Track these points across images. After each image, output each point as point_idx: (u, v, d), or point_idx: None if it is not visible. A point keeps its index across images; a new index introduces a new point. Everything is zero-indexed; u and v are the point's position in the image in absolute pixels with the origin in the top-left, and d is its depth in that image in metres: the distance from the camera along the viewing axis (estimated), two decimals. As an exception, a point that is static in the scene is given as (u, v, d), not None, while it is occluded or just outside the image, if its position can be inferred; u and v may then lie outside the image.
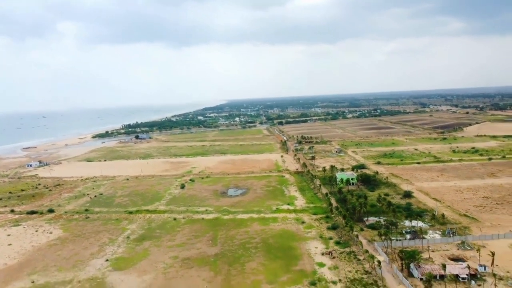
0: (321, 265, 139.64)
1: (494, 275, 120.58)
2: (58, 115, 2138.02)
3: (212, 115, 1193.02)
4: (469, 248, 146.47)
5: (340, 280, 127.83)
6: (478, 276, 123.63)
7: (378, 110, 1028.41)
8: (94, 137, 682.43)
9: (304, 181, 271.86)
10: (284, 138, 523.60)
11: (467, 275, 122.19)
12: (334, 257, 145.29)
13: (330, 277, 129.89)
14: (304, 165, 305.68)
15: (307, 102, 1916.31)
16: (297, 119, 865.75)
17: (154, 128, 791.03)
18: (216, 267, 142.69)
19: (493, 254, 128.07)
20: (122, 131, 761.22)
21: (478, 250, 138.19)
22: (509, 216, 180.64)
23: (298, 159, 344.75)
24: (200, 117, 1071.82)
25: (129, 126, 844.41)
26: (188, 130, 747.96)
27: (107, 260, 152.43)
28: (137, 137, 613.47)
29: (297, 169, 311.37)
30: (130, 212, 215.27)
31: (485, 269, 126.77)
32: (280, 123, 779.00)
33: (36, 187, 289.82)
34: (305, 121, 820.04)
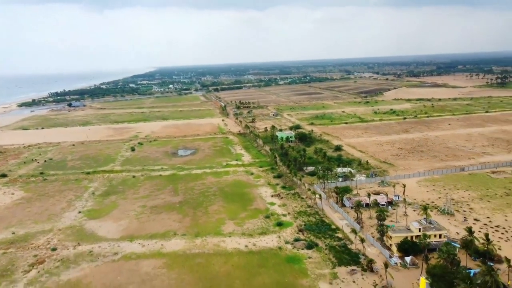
0: (272, 204, 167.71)
1: (405, 200, 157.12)
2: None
3: (144, 82, 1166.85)
4: (387, 185, 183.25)
5: (288, 213, 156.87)
6: (393, 203, 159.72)
7: (308, 77, 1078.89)
8: (20, 105, 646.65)
9: (247, 141, 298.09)
10: (222, 104, 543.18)
11: (385, 202, 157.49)
12: (282, 198, 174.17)
13: (280, 212, 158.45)
14: (246, 127, 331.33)
15: (238, 69, 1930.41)
16: (231, 86, 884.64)
17: (85, 96, 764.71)
18: (182, 211, 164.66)
19: (404, 186, 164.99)
20: (51, 99, 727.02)
21: (393, 186, 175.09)
22: (417, 162, 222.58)
23: (240, 122, 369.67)
24: (132, 85, 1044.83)
25: (57, 94, 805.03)
26: (122, 97, 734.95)
27: (79, 212, 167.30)
28: (70, 105, 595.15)
29: (239, 131, 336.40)
30: (88, 173, 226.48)
31: (398, 198, 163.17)
32: (216, 90, 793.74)
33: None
34: (240, 87, 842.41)
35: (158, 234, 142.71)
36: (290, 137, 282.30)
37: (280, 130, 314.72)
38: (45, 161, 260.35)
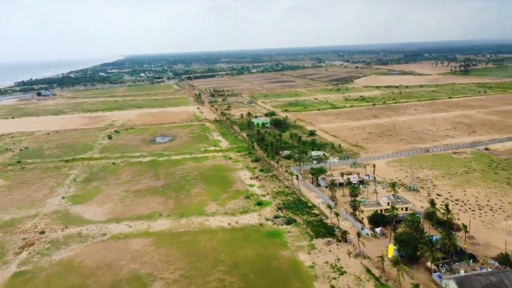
0: (251, 185, 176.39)
1: (375, 179, 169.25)
2: None
3: (114, 71, 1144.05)
4: (358, 166, 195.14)
5: (267, 193, 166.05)
6: (365, 182, 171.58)
7: (280, 65, 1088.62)
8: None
9: (224, 128, 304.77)
10: (196, 92, 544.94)
11: (357, 181, 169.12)
12: (260, 180, 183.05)
13: (260, 192, 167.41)
14: (222, 114, 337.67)
15: (210, 57, 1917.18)
16: (204, 74, 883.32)
17: (54, 85, 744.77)
18: (165, 194, 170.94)
19: (374, 166, 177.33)
20: (17, 88, 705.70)
21: (364, 167, 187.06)
22: (386, 144, 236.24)
23: (216, 109, 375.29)
24: (102, 74, 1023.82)
25: (24, 83, 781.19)
26: (92, 86, 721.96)
27: (63, 198, 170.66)
28: (39, 94, 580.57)
29: (215, 118, 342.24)
30: (67, 161, 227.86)
31: (369, 178, 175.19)
32: (189, 78, 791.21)
33: None
34: (213, 76, 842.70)
35: (143, 216, 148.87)
36: (266, 123, 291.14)
37: (256, 117, 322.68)
38: (21, 150, 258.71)
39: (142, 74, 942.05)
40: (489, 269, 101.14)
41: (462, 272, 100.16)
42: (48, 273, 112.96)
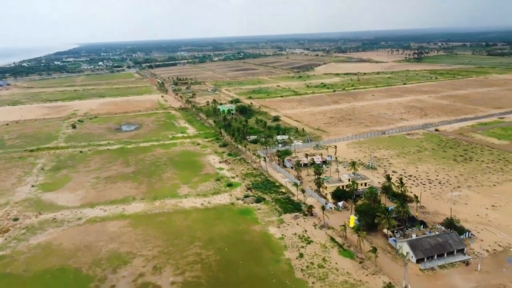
0: (221, 169, 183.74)
1: (336, 159, 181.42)
2: None
3: (70, 60, 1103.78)
4: (321, 148, 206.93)
5: (237, 175, 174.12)
6: (327, 162, 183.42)
7: (242, 53, 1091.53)
8: None
9: (190, 115, 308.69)
10: (159, 80, 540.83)
11: (320, 161, 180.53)
12: (229, 163, 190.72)
13: (229, 175, 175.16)
14: (188, 101, 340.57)
15: (170, 46, 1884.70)
16: (166, 62, 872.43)
17: (6, 74, 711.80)
18: (137, 179, 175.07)
19: (335, 147, 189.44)
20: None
21: (326, 149, 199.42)
22: (346, 128, 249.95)
23: (181, 97, 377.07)
24: (57, 62, 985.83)
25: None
26: (49, 75, 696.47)
27: (33, 186, 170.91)
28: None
29: (180, 106, 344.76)
30: (31, 150, 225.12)
31: (331, 158, 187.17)
32: (150, 67, 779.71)
33: None
34: (175, 64, 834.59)
35: (117, 200, 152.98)
36: (231, 110, 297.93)
37: (221, 104, 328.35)
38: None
39: (100, 63, 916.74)
40: (437, 233, 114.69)
41: (414, 236, 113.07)
42: (27, 257, 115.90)
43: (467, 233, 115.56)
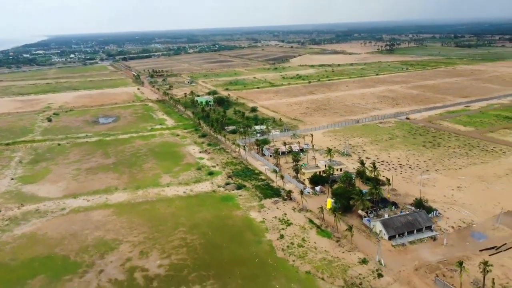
0: (201, 158, 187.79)
1: (313, 147, 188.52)
2: None
3: (40, 52, 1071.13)
4: (298, 137, 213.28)
5: (217, 164, 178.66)
6: (304, 150, 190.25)
7: (217, 46, 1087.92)
8: None
9: (168, 107, 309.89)
10: (134, 73, 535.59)
11: (298, 149, 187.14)
12: (209, 153, 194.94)
13: (209, 164, 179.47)
14: (165, 93, 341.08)
15: (144, 38, 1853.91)
16: (140, 55, 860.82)
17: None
18: (118, 170, 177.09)
19: (312, 136, 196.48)
20: None
21: (303, 137, 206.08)
22: (322, 117, 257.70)
23: (158, 89, 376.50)
24: (26, 55, 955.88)
25: None
26: (18, 69, 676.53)
27: (12, 179, 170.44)
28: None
29: (158, 98, 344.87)
30: (7, 144, 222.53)
31: (308, 146, 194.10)
32: (124, 59, 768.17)
33: None
34: (149, 56, 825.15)
35: (100, 190, 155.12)
36: (209, 101, 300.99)
37: (198, 96, 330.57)
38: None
39: (72, 55, 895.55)
40: (407, 212, 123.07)
41: (386, 216, 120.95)
42: (13, 246, 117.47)
43: (435, 211, 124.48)
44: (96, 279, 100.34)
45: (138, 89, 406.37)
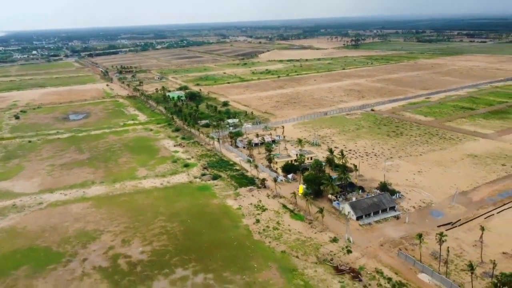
0: (176, 152, 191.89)
1: (284, 138, 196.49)
2: None
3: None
4: (269, 129, 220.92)
5: (192, 157, 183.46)
6: (276, 141, 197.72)
7: (185, 41, 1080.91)
8: None
9: (139, 103, 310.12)
10: (101, 69, 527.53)
11: (270, 141, 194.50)
12: (184, 146, 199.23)
13: (185, 157, 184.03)
14: (136, 89, 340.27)
15: (109, 33, 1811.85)
16: (106, 51, 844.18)
17: None
18: (93, 165, 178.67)
19: (283, 127, 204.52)
20: None
21: (274, 129, 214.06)
22: (292, 110, 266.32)
23: (128, 85, 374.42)
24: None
25: None
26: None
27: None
28: None
29: (128, 94, 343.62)
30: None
31: (279, 138, 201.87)
32: (90, 56, 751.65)
33: None
34: (116, 52, 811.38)
35: (76, 185, 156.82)
36: (181, 96, 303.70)
37: (169, 91, 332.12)
38: None
39: (34, 52, 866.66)
40: (373, 195, 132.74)
41: (354, 199, 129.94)
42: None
43: (398, 194, 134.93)
44: (81, 267, 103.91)
45: (107, 85, 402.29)
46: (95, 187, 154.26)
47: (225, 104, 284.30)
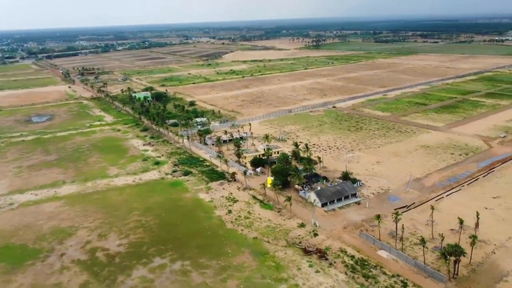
0: (146, 150, 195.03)
1: (252, 135, 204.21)
2: None
3: None
4: (237, 127, 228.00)
5: (162, 155, 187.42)
6: (243, 138, 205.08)
7: (147, 42, 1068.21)
8: None
9: (104, 104, 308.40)
10: (62, 71, 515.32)
11: (238, 137, 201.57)
12: (153, 145, 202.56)
13: (155, 155, 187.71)
14: (100, 91, 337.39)
15: (66, 35, 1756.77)
16: (65, 52, 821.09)
17: None
18: (62, 165, 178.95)
19: (250, 125, 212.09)
20: None
21: (241, 127, 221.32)
22: (257, 109, 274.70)
23: (91, 87, 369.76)
24: None
25: None
26: None
27: None
28: None
29: (92, 96, 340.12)
30: None
31: (247, 135, 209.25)
32: (49, 57, 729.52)
33: None
34: (76, 54, 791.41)
35: (47, 185, 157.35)
36: (147, 97, 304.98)
37: (135, 92, 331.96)
38: None
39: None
40: (336, 184, 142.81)
41: (318, 188, 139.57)
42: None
43: (358, 182, 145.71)
44: (59, 261, 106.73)
45: (70, 87, 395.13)
46: (66, 186, 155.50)
47: (192, 103, 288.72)
